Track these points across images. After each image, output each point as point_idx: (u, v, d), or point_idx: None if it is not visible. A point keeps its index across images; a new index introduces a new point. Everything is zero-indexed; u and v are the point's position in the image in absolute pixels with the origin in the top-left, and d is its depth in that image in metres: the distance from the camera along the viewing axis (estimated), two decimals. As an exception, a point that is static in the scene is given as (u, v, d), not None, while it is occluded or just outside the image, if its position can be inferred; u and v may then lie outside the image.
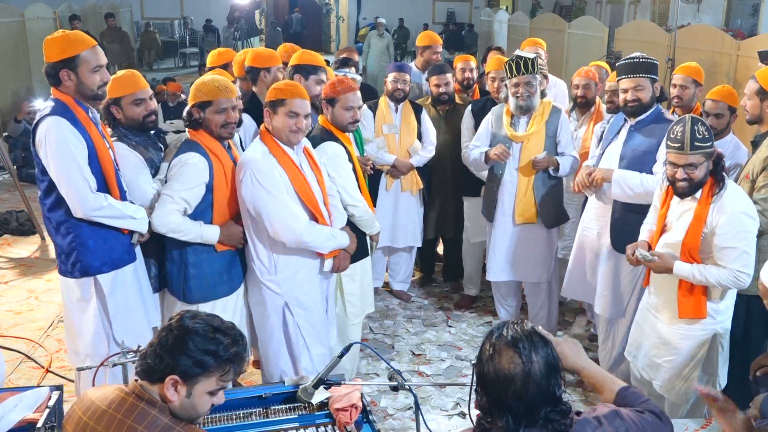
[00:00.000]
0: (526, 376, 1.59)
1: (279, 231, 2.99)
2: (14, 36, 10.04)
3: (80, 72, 2.76)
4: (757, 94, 3.21)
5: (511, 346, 1.63)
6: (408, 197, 4.72)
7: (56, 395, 2.37)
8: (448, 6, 20.93)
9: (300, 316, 3.17)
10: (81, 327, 2.98)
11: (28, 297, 4.95)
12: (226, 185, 3.02)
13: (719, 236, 2.79)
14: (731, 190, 2.83)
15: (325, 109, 3.46)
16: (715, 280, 2.81)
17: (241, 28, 17.70)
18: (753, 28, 11.73)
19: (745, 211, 2.79)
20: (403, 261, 5.00)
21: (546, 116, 3.96)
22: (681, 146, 2.76)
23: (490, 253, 4.23)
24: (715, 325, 2.95)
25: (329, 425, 2.33)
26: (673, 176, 2.83)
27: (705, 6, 13.11)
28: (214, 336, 1.75)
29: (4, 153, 6.31)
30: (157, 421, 1.71)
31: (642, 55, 3.48)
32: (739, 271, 2.79)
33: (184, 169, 2.93)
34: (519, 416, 1.61)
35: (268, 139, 3.05)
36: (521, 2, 19.45)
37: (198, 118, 2.99)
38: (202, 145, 2.98)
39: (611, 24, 12.94)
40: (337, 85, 3.42)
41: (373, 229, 3.58)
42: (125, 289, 2.98)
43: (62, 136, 2.71)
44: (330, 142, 3.40)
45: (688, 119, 2.78)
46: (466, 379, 3.49)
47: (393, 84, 4.57)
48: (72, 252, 2.87)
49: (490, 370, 1.63)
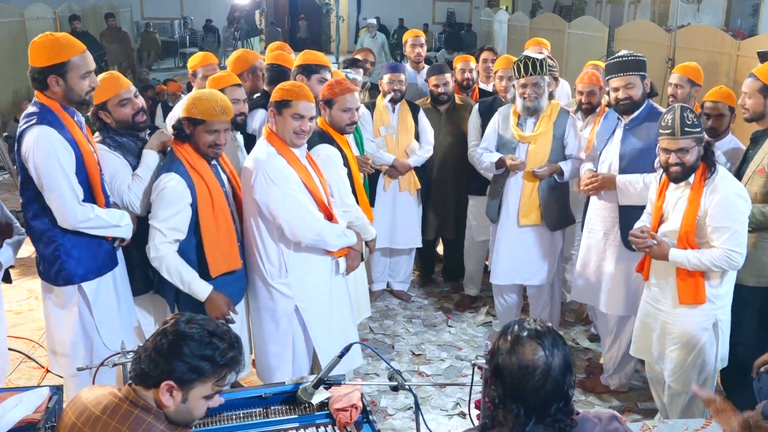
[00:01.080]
0: (547, 370, 1.63)
1: (298, 230, 2.96)
2: (14, 36, 10.04)
3: (69, 78, 2.70)
4: (759, 92, 3.23)
5: (535, 339, 1.67)
6: (406, 197, 4.71)
7: (56, 395, 2.36)
8: (448, 6, 20.92)
9: (311, 317, 3.15)
10: (60, 331, 2.98)
11: (28, 297, 4.95)
12: (210, 204, 2.94)
13: (712, 216, 2.87)
14: (722, 174, 2.93)
15: (323, 111, 3.44)
16: (709, 261, 2.88)
17: (241, 28, 17.67)
18: (753, 28, 11.72)
19: (737, 192, 2.89)
20: (402, 261, 4.99)
21: (554, 118, 3.93)
22: (672, 132, 2.88)
23: (494, 255, 4.21)
24: (715, 311, 3.00)
25: (329, 425, 2.33)
26: (666, 162, 2.94)
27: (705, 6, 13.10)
28: (210, 341, 1.73)
29: (4, 153, 6.30)
30: (152, 429, 1.69)
31: (630, 53, 3.52)
32: (732, 250, 2.85)
33: (163, 195, 2.87)
34: (532, 410, 1.64)
35: (275, 139, 3.02)
36: (521, 2, 19.43)
37: (187, 133, 2.92)
38: (184, 162, 2.90)
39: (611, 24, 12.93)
40: (335, 86, 3.40)
41: (367, 234, 3.49)
42: (108, 294, 2.97)
43: (52, 147, 2.66)
44: (324, 144, 3.36)
45: (677, 107, 2.90)
46: (466, 379, 3.48)
47: (389, 85, 4.55)
48: (55, 261, 2.84)
49: (511, 360, 1.65)
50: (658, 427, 2.78)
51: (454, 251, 5.15)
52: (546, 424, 1.64)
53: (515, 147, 3.98)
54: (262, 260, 3.08)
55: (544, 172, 3.90)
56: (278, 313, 3.13)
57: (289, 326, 3.16)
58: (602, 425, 1.73)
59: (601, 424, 1.73)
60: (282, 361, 3.20)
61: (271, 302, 3.13)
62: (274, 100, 3.02)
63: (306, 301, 3.14)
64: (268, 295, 3.13)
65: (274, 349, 3.19)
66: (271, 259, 3.07)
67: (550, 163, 3.92)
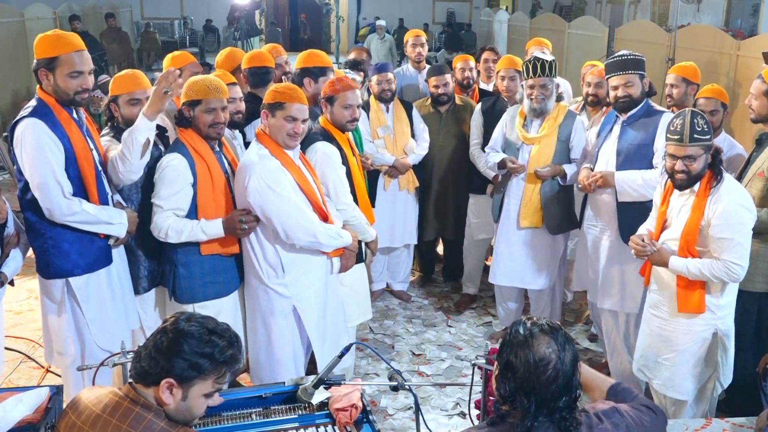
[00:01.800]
0: (560, 364, 1.67)
1: (292, 232, 2.98)
2: (14, 36, 10.03)
3: (57, 74, 2.73)
4: (764, 94, 3.22)
5: (548, 334, 1.70)
6: (405, 196, 4.72)
7: (56, 395, 2.36)
8: (448, 6, 20.92)
9: (307, 316, 3.16)
10: (53, 325, 3.00)
11: (28, 297, 4.94)
12: (211, 185, 3.00)
13: (714, 227, 2.81)
14: (728, 183, 2.86)
15: (324, 108, 3.44)
16: (709, 272, 2.83)
17: (241, 28, 17.67)
18: (753, 28, 11.71)
19: (741, 203, 2.81)
20: (402, 261, 4.99)
21: (560, 120, 3.91)
22: (680, 138, 2.80)
23: (495, 255, 4.21)
24: (715, 321, 2.94)
25: (329, 425, 2.33)
26: (672, 168, 2.87)
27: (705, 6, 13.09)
28: (210, 338, 1.74)
29: (4, 153, 6.30)
30: (153, 426, 1.70)
31: (629, 53, 3.54)
32: (732, 262, 2.79)
33: (165, 173, 2.93)
34: (542, 403, 1.66)
35: (268, 141, 3.03)
36: (521, 2, 19.42)
37: (188, 117, 2.99)
38: (187, 145, 2.97)
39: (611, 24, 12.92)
40: (336, 83, 3.40)
41: (366, 235, 3.48)
42: (100, 292, 2.97)
43: (38, 139, 2.69)
44: (322, 142, 3.34)
45: (688, 112, 2.83)
46: (466, 379, 3.48)
47: (378, 86, 4.53)
48: (44, 253, 2.87)
49: (525, 353, 1.68)
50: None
51: (454, 251, 5.15)
52: (553, 420, 1.66)
53: (519, 148, 3.97)
54: (258, 261, 3.09)
55: (546, 172, 3.89)
56: (276, 314, 3.13)
57: (286, 326, 3.16)
58: (604, 426, 1.74)
59: (603, 425, 1.74)
60: (278, 362, 3.19)
61: (268, 303, 3.13)
62: (267, 102, 3.03)
63: (303, 301, 3.14)
64: (265, 296, 3.12)
65: (271, 350, 3.19)
66: (267, 259, 3.08)
67: (553, 165, 3.91)
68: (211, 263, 3.07)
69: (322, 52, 3.94)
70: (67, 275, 2.89)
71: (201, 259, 3.04)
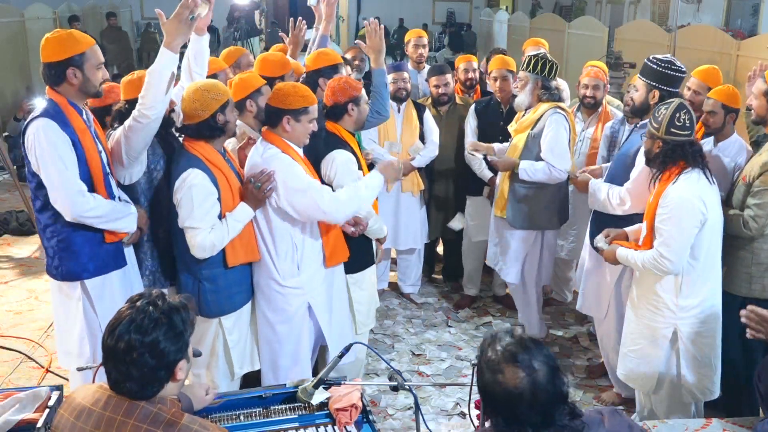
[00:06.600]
0: (534, 386, 1.60)
1: (331, 206, 2.98)
2: (14, 36, 10.04)
3: (86, 69, 2.77)
4: (764, 95, 3.16)
5: (510, 362, 1.63)
6: (409, 198, 4.70)
7: (56, 395, 2.36)
8: (448, 6, 20.89)
9: (321, 312, 3.19)
10: (67, 326, 3.00)
11: (28, 297, 4.95)
12: (230, 194, 2.97)
13: (658, 215, 2.84)
14: (690, 176, 2.84)
15: (352, 111, 3.37)
16: (641, 260, 2.89)
17: (241, 28, 17.65)
18: (753, 28, 11.70)
19: (690, 198, 2.79)
20: (412, 264, 4.98)
21: (536, 116, 3.93)
22: (657, 128, 2.87)
23: None
24: (675, 320, 2.98)
25: (329, 425, 2.33)
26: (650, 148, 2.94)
27: (705, 6, 13.08)
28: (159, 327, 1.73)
29: (4, 153, 6.30)
30: (144, 411, 1.72)
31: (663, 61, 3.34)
32: (662, 254, 2.81)
33: (193, 193, 2.84)
34: (537, 425, 1.62)
35: (276, 139, 3.03)
36: (521, 2, 19.40)
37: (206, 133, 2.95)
38: (201, 157, 2.91)
39: (611, 24, 12.90)
40: (351, 83, 3.38)
41: (381, 233, 3.55)
42: (113, 294, 2.96)
43: (51, 138, 2.70)
44: (339, 150, 3.29)
45: (675, 103, 2.84)
46: (466, 379, 3.48)
47: (394, 84, 4.50)
48: (56, 255, 2.87)
49: (497, 390, 1.63)
50: (658, 427, 2.77)
51: (454, 251, 5.15)
52: (556, 429, 1.64)
53: (511, 139, 4.10)
54: (274, 262, 3.07)
55: (495, 161, 4.04)
56: (292, 313, 3.13)
57: (302, 324, 3.17)
58: (608, 421, 1.74)
59: (606, 420, 1.74)
60: (295, 360, 3.20)
61: (284, 303, 3.12)
62: (294, 108, 2.99)
63: (317, 297, 3.17)
64: (280, 296, 3.11)
65: (288, 349, 3.18)
66: (285, 257, 3.07)
67: (521, 159, 3.94)
68: (235, 274, 3.04)
69: (330, 50, 3.87)
70: (77, 278, 2.89)
71: (226, 272, 3.01)
